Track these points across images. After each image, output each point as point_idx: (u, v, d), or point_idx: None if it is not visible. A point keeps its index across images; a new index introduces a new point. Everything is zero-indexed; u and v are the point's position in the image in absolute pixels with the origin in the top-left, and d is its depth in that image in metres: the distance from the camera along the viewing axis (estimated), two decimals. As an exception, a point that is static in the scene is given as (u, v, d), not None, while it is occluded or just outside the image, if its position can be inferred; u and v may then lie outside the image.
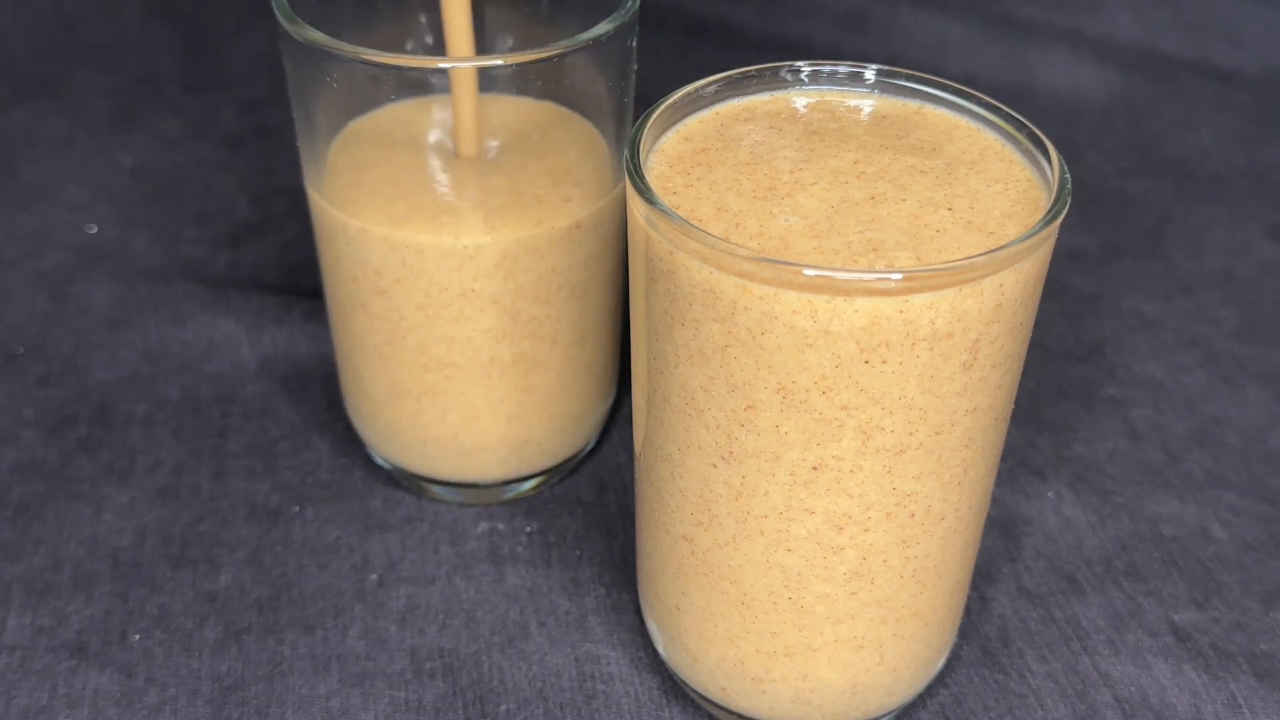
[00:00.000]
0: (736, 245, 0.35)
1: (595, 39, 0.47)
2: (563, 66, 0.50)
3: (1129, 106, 0.87)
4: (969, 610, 0.51)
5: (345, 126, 0.53)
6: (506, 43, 0.55)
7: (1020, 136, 0.41)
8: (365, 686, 0.48)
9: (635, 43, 0.50)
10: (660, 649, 0.47)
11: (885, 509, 0.39)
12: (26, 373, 0.62)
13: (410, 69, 0.51)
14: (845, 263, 0.36)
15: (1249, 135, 0.84)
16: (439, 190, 0.51)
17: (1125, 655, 0.49)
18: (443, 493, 0.56)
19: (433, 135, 0.52)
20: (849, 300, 0.34)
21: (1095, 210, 0.76)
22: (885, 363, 0.35)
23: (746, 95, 0.43)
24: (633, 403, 0.44)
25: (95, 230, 0.73)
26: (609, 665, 0.49)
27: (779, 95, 0.44)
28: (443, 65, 0.49)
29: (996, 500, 0.56)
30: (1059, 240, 0.41)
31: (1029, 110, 0.74)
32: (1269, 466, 0.58)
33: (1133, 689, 0.48)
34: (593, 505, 0.56)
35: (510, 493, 0.56)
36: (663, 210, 0.36)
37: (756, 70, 0.43)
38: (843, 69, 0.44)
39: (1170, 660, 0.49)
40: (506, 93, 0.53)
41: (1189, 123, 0.85)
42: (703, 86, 0.43)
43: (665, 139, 0.41)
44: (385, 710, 0.47)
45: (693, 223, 0.37)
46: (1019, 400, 0.60)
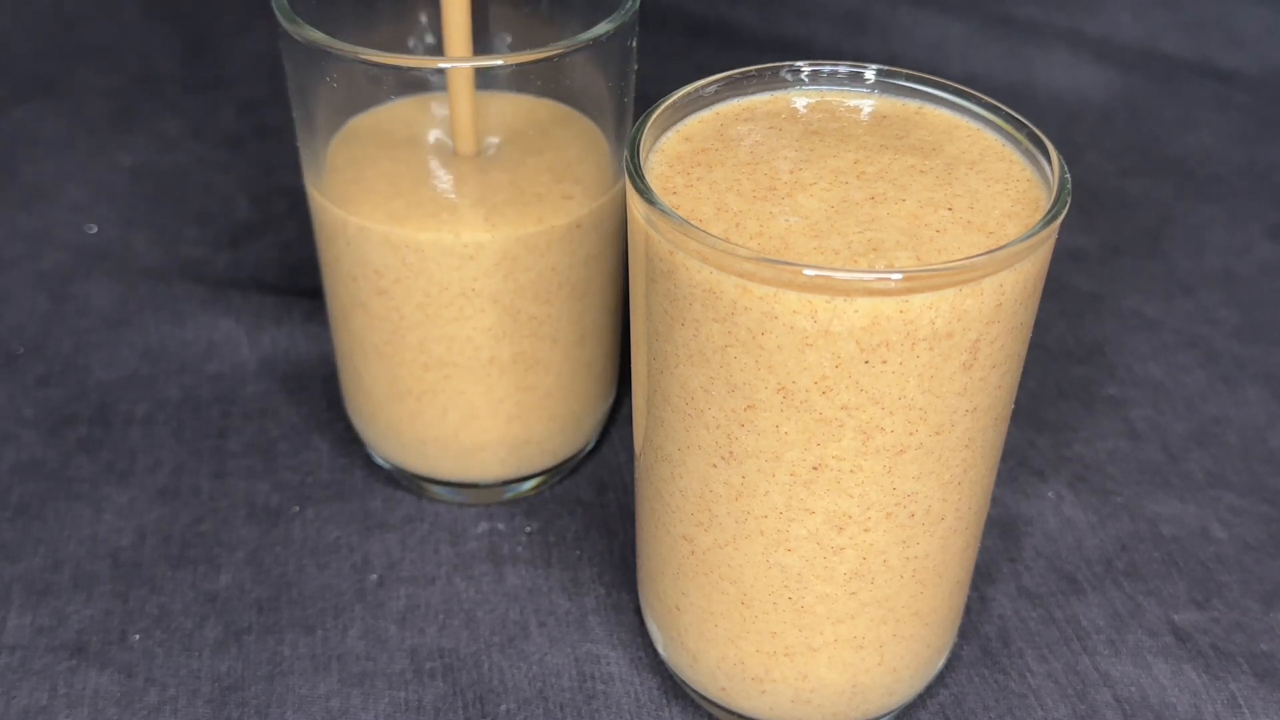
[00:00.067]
0: (736, 245, 0.35)
1: (595, 39, 0.47)
2: (563, 66, 0.50)
3: (1129, 106, 0.87)
4: (969, 610, 0.51)
5: (345, 124, 0.53)
6: (506, 41, 0.55)
7: (1020, 136, 0.41)
8: (365, 686, 0.48)
9: (635, 43, 0.50)
10: (660, 649, 0.47)
11: (885, 509, 0.39)
12: (26, 373, 0.62)
13: (410, 69, 0.51)
14: (845, 263, 0.36)
15: (1249, 135, 0.84)
16: (439, 187, 0.51)
17: (1125, 655, 0.49)
18: (443, 493, 0.56)
19: (433, 133, 0.52)
20: (849, 300, 0.34)
21: (1095, 210, 0.76)
22: (885, 363, 0.35)
23: (746, 95, 0.43)
24: (633, 403, 0.44)
25: (95, 230, 0.73)
26: (609, 665, 0.49)
27: (779, 95, 0.44)
28: (441, 65, 0.49)
29: (996, 500, 0.56)
30: (1059, 240, 0.41)
31: (1029, 110, 0.74)
32: (1269, 466, 0.58)
33: (1133, 689, 0.48)
34: (593, 505, 0.56)
35: (510, 493, 0.56)
36: (663, 210, 0.36)
37: (756, 70, 0.43)
38: (843, 69, 0.44)
39: (1170, 660, 0.49)
40: (507, 90, 0.53)
41: (1189, 123, 0.85)
42: (703, 86, 0.43)
43: (665, 139, 0.41)
44: (385, 710, 0.47)
45: (693, 223, 0.37)
46: (1019, 400, 0.60)
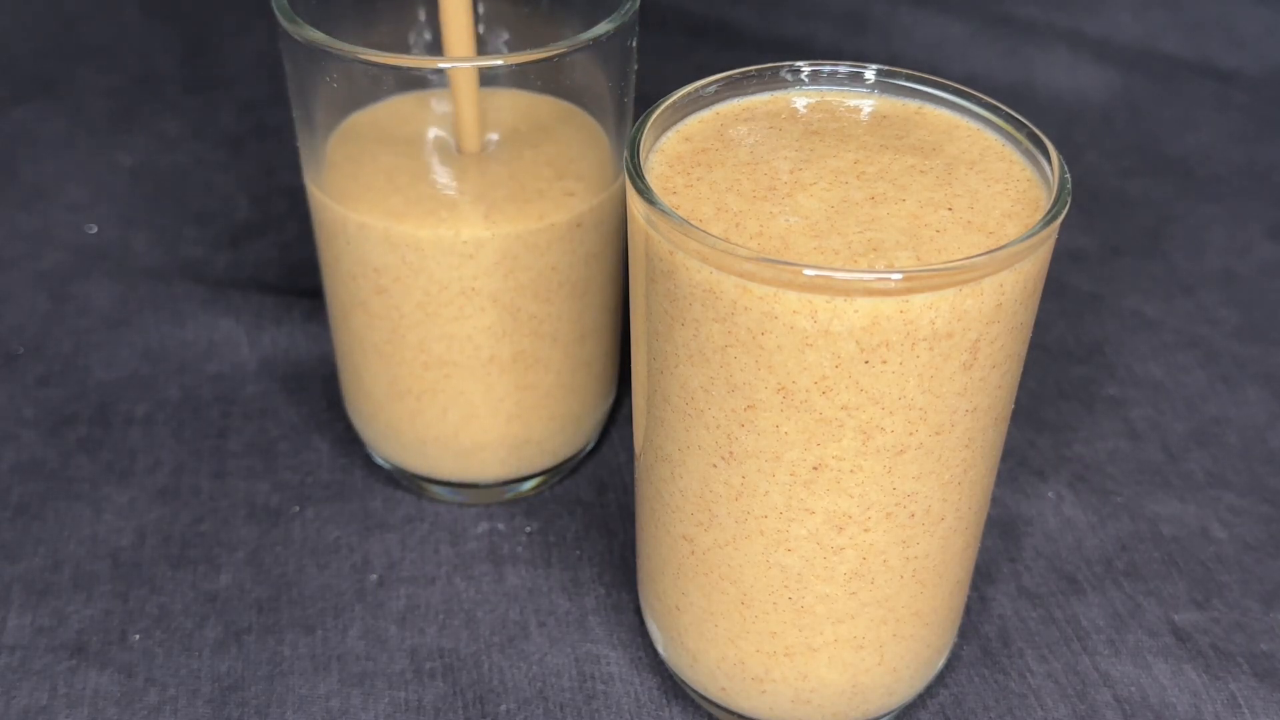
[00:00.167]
0: (736, 245, 0.35)
1: (595, 39, 0.47)
2: (563, 66, 0.50)
3: (1129, 106, 0.87)
4: (969, 610, 0.51)
5: (345, 120, 0.53)
6: (506, 39, 0.55)
7: (1020, 136, 0.41)
8: (365, 686, 0.48)
9: (635, 43, 0.50)
10: (660, 649, 0.47)
11: (885, 509, 0.39)
12: (26, 373, 0.62)
13: (410, 69, 0.51)
14: (845, 263, 0.36)
15: (1249, 135, 0.84)
16: (439, 184, 0.51)
17: (1125, 655, 0.49)
18: (443, 493, 0.56)
19: (434, 129, 0.52)
20: (849, 300, 0.34)
21: (1095, 210, 0.76)
22: (885, 363, 0.35)
23: (746, 95, 0.43)
24: (633, 403, 0.44)
25: (95, 230, 0.72)
26: (609, 665, 0.49)
27: (779, 95, 0.44)
28: (442, 65, 0.49)
29: (996, 500, 0.56)
30: (1059, 240, 0.41)
31: (1029, 110, 0.74)
32: (1269, 466, 0.58)
33: (1133, 689, 0.48)
34: (593, 505, 0.56)
35: (510, 493, 0.56)
36: (663, 210, 0.36)
37: (756, 70, 0.43)
38: (843, 69, 0.44)
39: (1170, 660, 0.49)
40: (506, 87, 0.53)
41: (1189, 123, 0.85)
42: (703, 86, 0.43)
43: (665, 139, 0.41)
44: (385, 710, 0.47)
45: (693, 223, 0.37)
46: (1019, 400, 0.60)
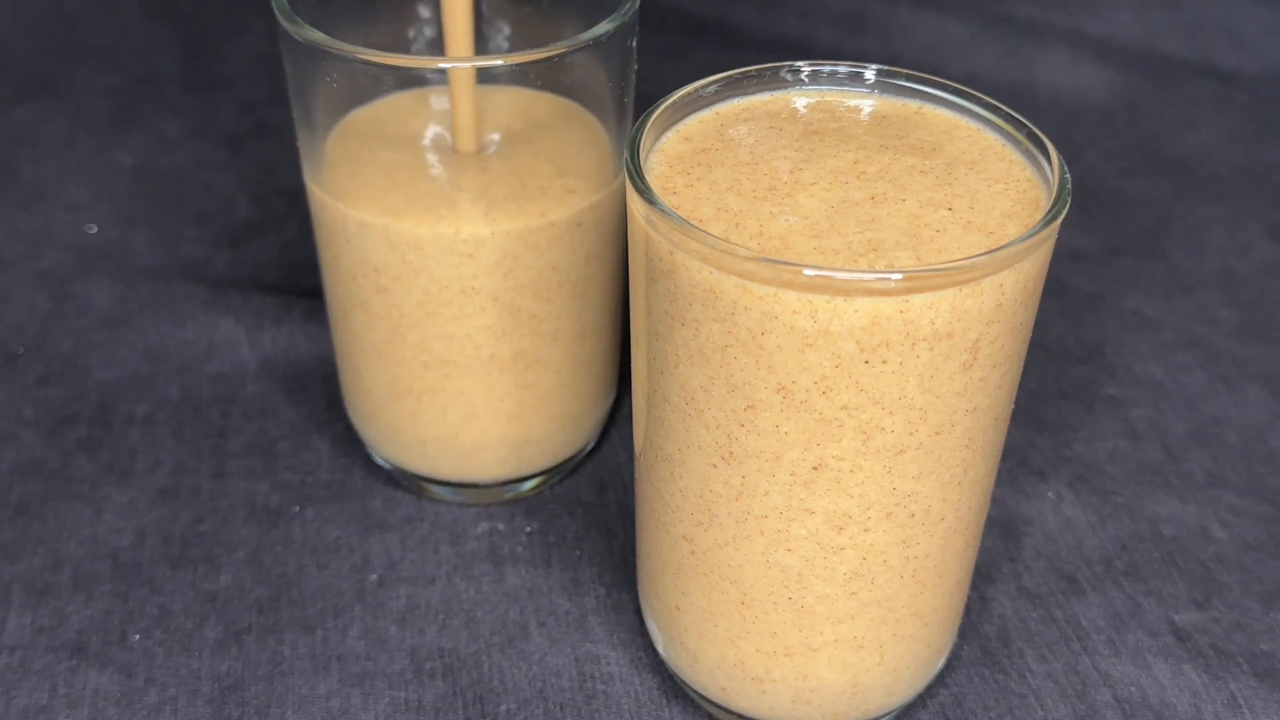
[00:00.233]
0: (736, 245, 0.35)
1: (595, 39, 0.47)
2: (563, 66, 0.50)
3: (1129, 106, 0.87)
4: (969, 610, 0.51)
5: (344, 117, 0.53)
6: (506, 36, 0.55)
7: (1020, 136, 0.41)
8: (365, 686, 0.48)
9: (635, 43, 0.50)
10: (660, 649, 0.47)
11: (885, 509, 0.39)
12: (26, 373, 0.62)
13: (410, 69, 0.51)
14: (845, 263, 0.36)
15: (1249, 135, 0.84)
16: (438, 181, 0.51)
17: (1125, 655, 0.49)
18: (443, 493, 0.56)
19: (433, 127, 0.52)
20: (849, 300, 0.34)
21: (1095, 210, 0.76)
22: (885, 363, 0.35)
23: (746, 95, 0.43)
24: (633, 403, 0.44)
25: (95, 230, 0.73)
26: (609, 665, 0.49)
27: (779, 95, 0.44)
28: (442, 65, 0.49)
29: (996, 500, 0.56)
30: (1059, 240, 0.41)
31: (1029, 110, 0.74)
32: (1269, 466, 0.58)
33: (1133, 689, 0.48)
34: (593, 505, 0.56)
35: (510, 493, 0.56)
36: (663, 210, 0.36)
37: (756, 70, 0.43)
38: (843, 69, 0.44)
39: (1170, 660, 0.49)
40: (506, 85, 0.53)
41: (1189, 123, 0.85)
42: (703, 86, 0.43)
43: (665, 139, 0.41)
44: (385, 710, 0.47)
45: (693, 223, 0.37)
46: (1019, 400, 0.60)
